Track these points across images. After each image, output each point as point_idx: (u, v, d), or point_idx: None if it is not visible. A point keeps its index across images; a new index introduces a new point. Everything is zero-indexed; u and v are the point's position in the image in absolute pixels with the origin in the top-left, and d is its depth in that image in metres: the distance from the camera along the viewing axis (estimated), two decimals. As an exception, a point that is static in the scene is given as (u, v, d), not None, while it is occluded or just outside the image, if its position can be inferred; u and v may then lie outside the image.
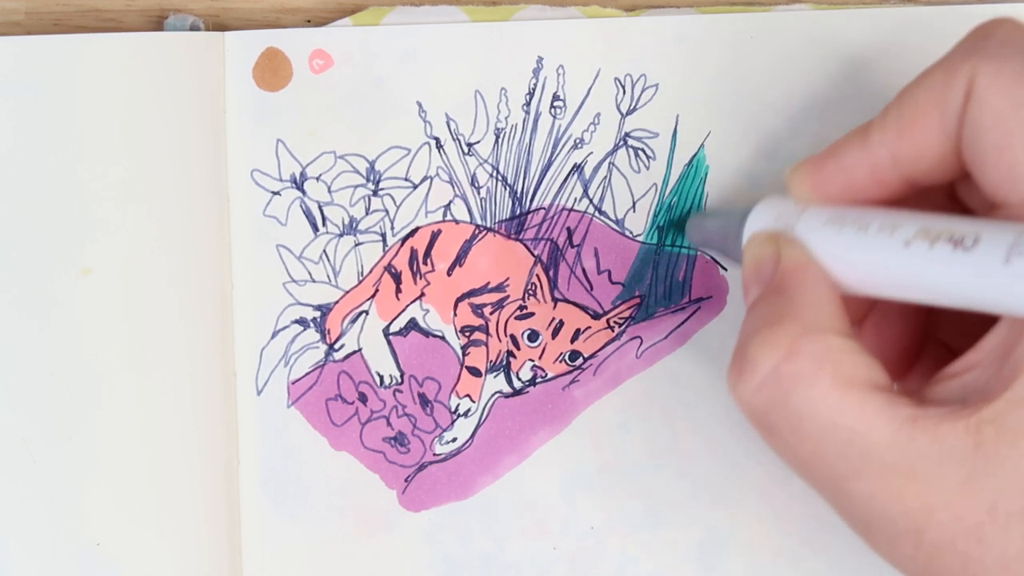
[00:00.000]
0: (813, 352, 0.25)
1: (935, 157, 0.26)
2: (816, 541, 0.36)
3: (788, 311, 0.26)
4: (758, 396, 0.26)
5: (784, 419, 0.26)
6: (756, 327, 0.26)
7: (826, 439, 0.25)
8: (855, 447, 0.25)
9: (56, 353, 0.35)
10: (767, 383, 0.26)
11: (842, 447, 0.25)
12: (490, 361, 0.36)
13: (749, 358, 0.26)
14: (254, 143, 0.36)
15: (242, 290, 0.36)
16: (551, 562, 0.36)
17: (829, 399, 0.25)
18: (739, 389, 0.26)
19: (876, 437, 0.25)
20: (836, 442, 0.25)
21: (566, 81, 0.36)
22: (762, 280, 0.28)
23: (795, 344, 0.26)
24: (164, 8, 0.36)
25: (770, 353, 0.26)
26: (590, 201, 0.36)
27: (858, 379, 0.25)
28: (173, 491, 0.35)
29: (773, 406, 0.26)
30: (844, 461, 0.25)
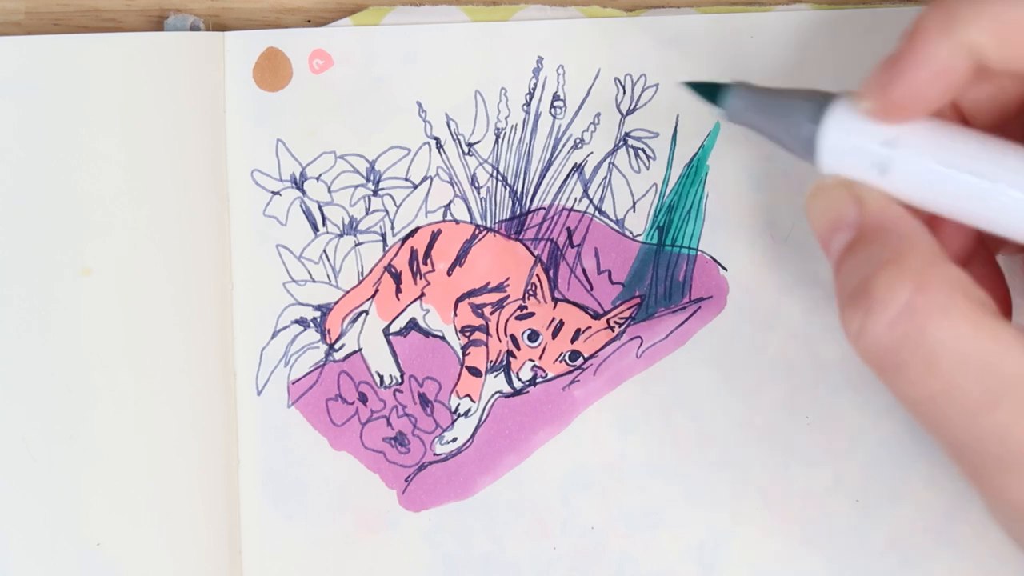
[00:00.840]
0: (943, 282, 0.25)
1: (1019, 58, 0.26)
2: (816, 541, 0.36)
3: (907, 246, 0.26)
4: (891, 332, 0.25)
5: (918, 353, 0.25)
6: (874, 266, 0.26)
7: (962, 370, 0.25)
8: (992, 376, 0.25)
9: (56, 353, 0.35)
10: (901, 317, 0.25)
11: (978, 377, 0.25)
12: (490, 361, 0.36)
13: (876, 296, 0.26)
14: (254, 143, 0.36)
15: (242, 290, 0.36)
16: (551, 562, 0.36)
17: (965, 328, 0.25)
18: (868, 329, 0.26)
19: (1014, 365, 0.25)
20: (972, 372, 0.25)
21: (566, 81, 0.36)
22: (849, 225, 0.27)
23: (925, 276, 0.25)
24: (164, 8, 0.36)
25: (901, 286, 0.25)
26: (590, 201, 0.36)
27: (988, 308, 0.25)
28: (173, 491, 0.35)
29: (907, 340, 0.25)
30: (980, 392, 0.25)
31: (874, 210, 0.27)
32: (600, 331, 0.36)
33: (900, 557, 0.35)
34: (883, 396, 0.35)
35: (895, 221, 0.27)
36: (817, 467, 0.35)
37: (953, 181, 0.27)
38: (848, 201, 0.28)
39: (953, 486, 0.35)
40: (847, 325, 0.26)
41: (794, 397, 0.35)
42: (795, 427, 0.36)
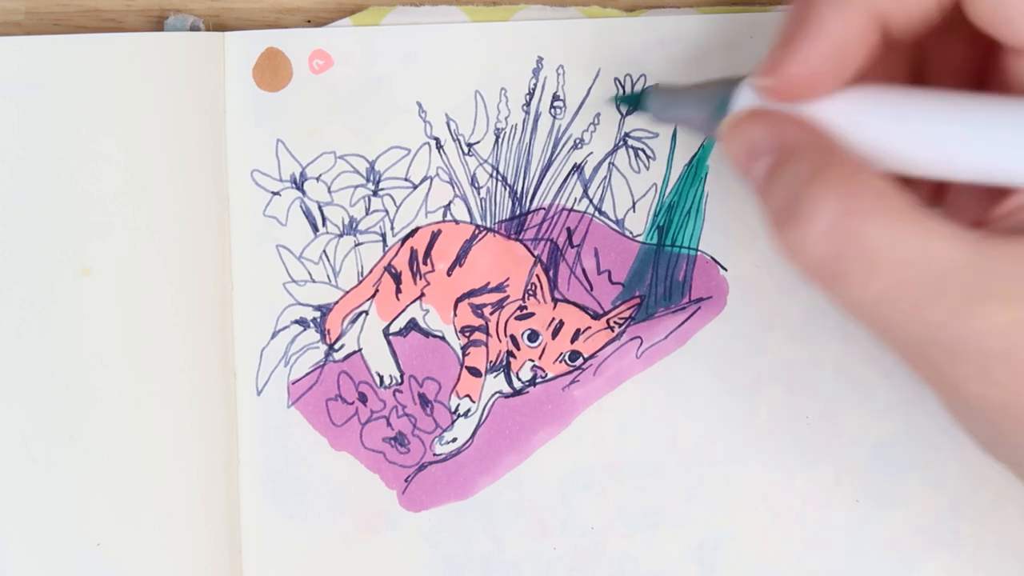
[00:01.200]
0: (872, 187, 0.25)
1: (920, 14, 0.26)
2: (816, 541, 0.36)
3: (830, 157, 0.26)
4: (827, 242, 0.25)
5: (855, 257, 0.25)
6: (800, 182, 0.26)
7: (900, 269, 0.25)
8: (932, 271, 0.25)
9: (56, 353, 0.35)
10: (834, 226, 0.25)
11: (916, 275, 0.25)
12: (490, 361, 0.36)
13: (807, 207, 0.26)
14: (254, 143, 0.36)
15: (242, 290, 0.36)
16: (551, 562, 0.36)
17: (896, 229, 0.25)
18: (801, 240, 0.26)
19: (949, 260, 0.25)
20: (912, 268, 0.25)
21: (566, 81, 0.36)
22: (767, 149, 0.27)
23: (850, 183, 0.25)
24: (164, 8, 0.36)
25: (830, 197, 0.25)
26: (590, 201, 0.36)
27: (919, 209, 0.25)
28: (173, 491, 0.35)
29: (844, 247, 0.25)
30: (919, 289, 0.25)
31: (790, 131, 0.27)
32: (600, 331, 0.36)
33: (900, 557, 0.35)
34: (883, 396, 0.35)
35: (812, 138, 0.27)
36: (817, 467, 0.35)
37: None
38: (763, 127, 0.28)
39: (953, 486, 0.35)
40: (784, 245, 0.26)
41: (794, 397, 0.35)
42: (795, 427, 0.36)
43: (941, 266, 0.25)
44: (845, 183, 0.25)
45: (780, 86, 0.27)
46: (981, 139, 0.25)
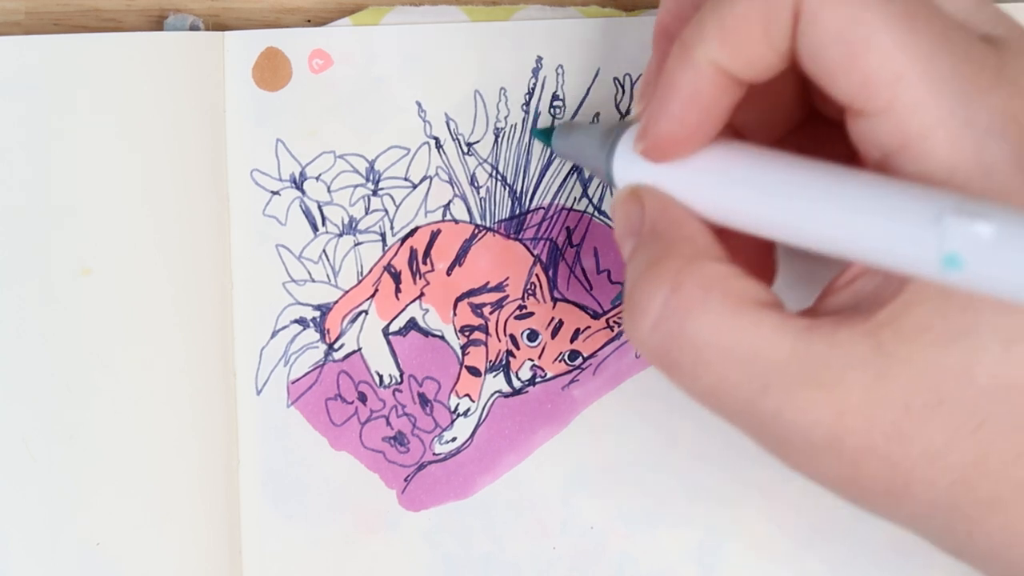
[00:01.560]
0: (698, 279, 0.26)
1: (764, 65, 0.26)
2: (816, 541, 0.36)
3: (666, 249, 0.26)
4: (655, 335, 0.26)
5: (683, 351, 0.26)
6: (639, 271, 0.27)
7: (727, 362, 0.25)
8: (756, 364, 0.25)
9: (56, 353, 0.35)
10: (660, 319, 0.26)
11: (744, 367, 0.25)
12: (490, 361, 0.36)
13: (638, 300, 0.26)
14: (254, 143, 0.36)
15: (242, 290, 0.36)
16: (551, 562, 0.36)
17: (723, 321, 0.25)
18: (635, 333, 0.26)
19: (775, 351, 0.25)
20: (737, 363, 0.25)
21: (565, 81, 0.36)
22: (634, 232, 0.28)
23: (679, 276, 0.26)
24: (164, 8, 0.36)
25: (657, 290, 0.26)
26: (589, 201, 0.36)
27: (747, 299, 0.25)
28: (173, 491, 0.35)
29: (671, 341, 0.26)
30: (748, 381, 0.25)
31: (650, 214, 0.27)
32: (600, 331, 0.36)
33: (900, 557, 0.35)
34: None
35: (667, 224, 0.27)
36: (817, 467, 0.35)
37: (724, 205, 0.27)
38: (636, 208, 0.28)
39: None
40: (624, 329, 0.27)
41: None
42: (795, 427, 0.35)
43: (767, 359, 0.25)
44: (676, 275, 0.26)
45: (650, 147, 0.27)
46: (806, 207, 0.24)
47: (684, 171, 0.27)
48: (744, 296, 0.25)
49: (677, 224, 0.27)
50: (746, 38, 0.25)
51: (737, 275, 0.26)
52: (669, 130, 0.27)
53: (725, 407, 0.26)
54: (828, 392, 0.25)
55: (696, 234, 0.27)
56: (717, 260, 0.26)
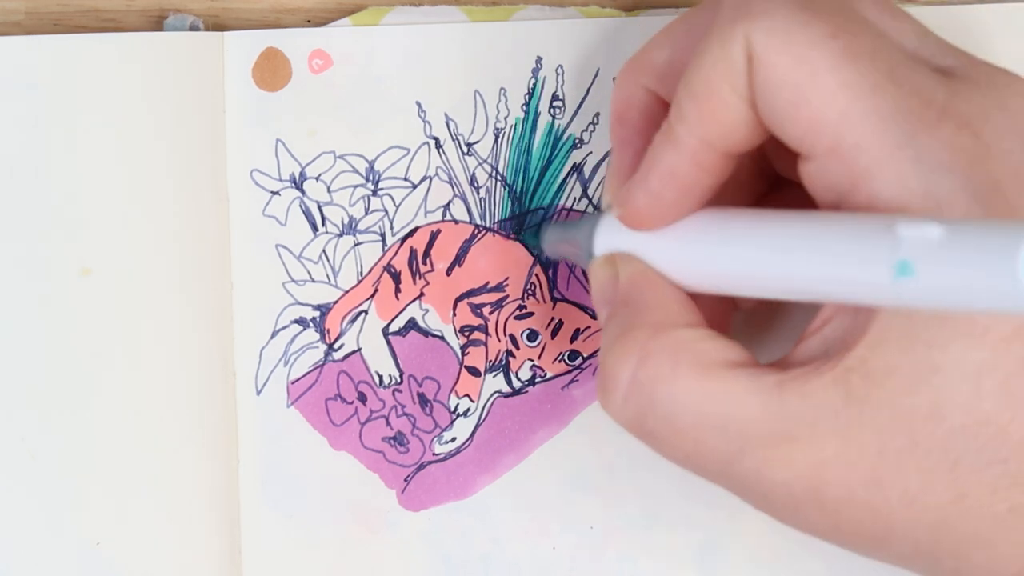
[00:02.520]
0: (665, 349, 0.26)
1: (744, 126, 0.26)
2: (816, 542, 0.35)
3: (635, 319, 0.27)
4: (627, 407, 0.26)
5: (657, 421, 0.26)
6: (610, 342, 0.27)
7: (701, 427, 0.25)
8: (731, 426, 0.25)
9: (56, 353, 0.35)
10: (630, 392, 0.26)
11: (718, 430, 0.25)
12: (489, 361, 0.36)
13: (608, 373, 0.26)
14: (253, 143, 0.36)
15: (242, 290, 0.36)
16: (551, 562, 0.36)
17: (692, 389, 0.25)
18: (608, 405, 0.27)
19: (747, 411, 0.25)
20: (711, 427, 0.25)
21: (565, 81, 0.36)
22: (608, 300, 0.28)
23: (646, 347, 0.26)
24: (164, 8, 0.36)
25: (625, 362, 0.26)
26: (589, 201, 0.36)
27: (717, 362, 0.25)
28: (173, 490, 0.35)
29: (643, 412, 0.26)
30: (724, 443, 0.25)
31: (623, 282, 0.28)
32: (599, 331, 0.36)
33: (900, 557, 0.35)
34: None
35: (639, 291, 0.27)
36: (816, 467, 0.35)
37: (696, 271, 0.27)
38: (610, 276, 0.28)
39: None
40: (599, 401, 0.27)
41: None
42: (795, 427, 0.35)
43: (740, 419, 0.25)
44: (643, 346, 0.26)
45: (629, 216, 0.28)
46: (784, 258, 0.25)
47: (656, 239, 0.28)
48: (714, 359, 0.26)
49: (649, 290, 0.27)
50: (716, 98, 0.25)
51: (707, 337, 0.26)
52: (647, 204, 0.27)
53: (705, 470, 0.27)
54: (803, 446, 0.25)
55: (667, 300, 0.27)
56: (687, 325, 0.26)
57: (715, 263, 0.26)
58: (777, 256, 0.25)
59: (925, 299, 0.22)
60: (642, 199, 0.27)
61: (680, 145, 0.26)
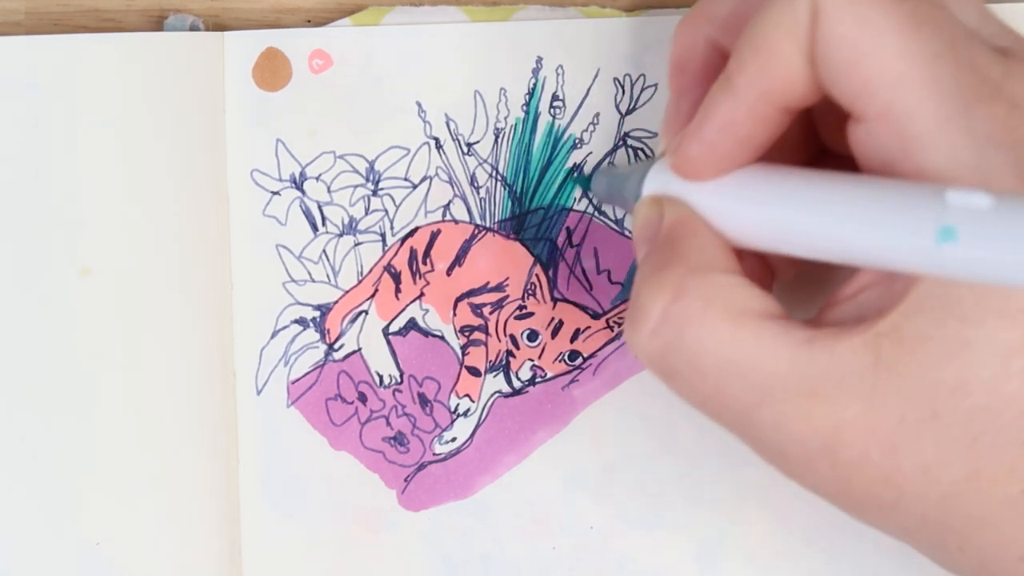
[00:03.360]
0: (700, 290, 0.26)
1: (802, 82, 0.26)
2: (816, 541, 0.36)
3: (673, 257, 0.27)
4: (653, 341, 0.26)
5: (681, 359, 0.26)
6: (645, 276, 0.27)
7: (725, 373, 0.25)
8: (755, 376, 0.25)
9: (56, 353, 0.35)
10: (660, 327, 0.26)
11: (742, 378, 0.25)
12: (489, 361, 0.36)
13: (640, 306, 0.26)
14: (253, 143, 0.36)
15: (242, 290, 0.36)
16: (551, 562, 0.36)
17: (722, 332, 0.25)
18: (635, 338, 0.26)
19: (774, 363, 0.25)
20: (735, 374, 0.25)
21: (565, 81, 0.36)
22: (650, 238, 0.28)
23: (681, 284, 0.26)
24: (164, 8, 0.36)
25: (658, 296, 0.26)
26: (589, 201, 0.36)
27: (749, 310, 0.25)
28: (173, 490, 0.35)
29: (669, 348, 0.26)
30: (746, 392, 0.25)
31: (667, 222, 0.28)
32: (600, 331, 0.36)
33: (900, 557, 0.35)
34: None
35: (681, 232, 0.27)
36: (816, 467, 0.35)
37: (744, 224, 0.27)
38: (655, 215, 0.28)
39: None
40: (624, 334, 0.27)
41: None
42: (795, 427, 0.35)
43: (766, 370, 0.25)
44: (676, 284, 0.26)
45: (682, 164, 0.28)
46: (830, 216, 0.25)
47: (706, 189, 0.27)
48: (747, 307, 0.26)
49: (691, 233, 0.27)
50: (777, 51, 0.25)
51: (742, 285, 0.26)
52: (700, 153, 0.27)
53: (722, 416, 0.27)
54: (825, 404, 0.25)
55: (708, 244, 0.27)
56: (723, 271, 0.26)
57: (762, 217, 0.26)
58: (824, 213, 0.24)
59: (966, 268, 0.22)
60: (696, 148, 0.27)
61: (738, 96, 0.26)
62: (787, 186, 0.26)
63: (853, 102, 0.25)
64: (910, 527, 0.26)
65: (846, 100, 0.25)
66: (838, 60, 0.25)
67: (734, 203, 0.27)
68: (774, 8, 0.25)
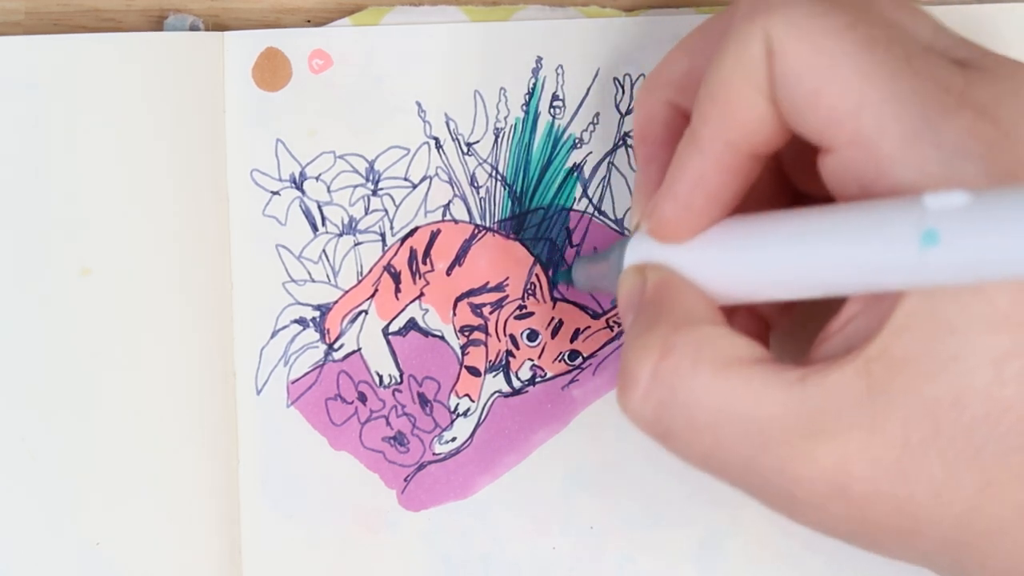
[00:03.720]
0: (687, 344, 0.25)
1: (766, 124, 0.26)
2: (816, 541, 0.36)
3: (658, 318, 0.26)
4: (646, 403, 0.26)
5: (676, 418, 0.26)
6: (628, 341, 0.27)
7: (721, 424, 0.25)
8: (752, 423, 0.25)
9: (56, 353, 0.35)
10: (651, 388, 0.26)
11: (739, 427, 0.25)
12: (489, 361, 0.36)
13: (629, 370, 0.26)
14: (253, 143, 0.36)
15: (242, 290, 0.36)
16: (551, 562, 0.36)
17: (714, 384, 0.25)
18: (627, 403, 0.26)
19: (769, 407, 0.25)
20: (732, 424, 0.25)
21: (565, 81, 0.36)
22: (634, 305, 0.28)
23: (668, 342, 0.26)
24: (164, 8, 0.36)
25: (646, 358, 0.26)
26: (589, 201, 0.36)
27: (738, 359, 0.25)
28: (173, 490, 0.35)
29: (662, 408, 0.26)
30: (745, 441, 0.25)
31: (651, 286, 0.28)
32: (599, 330, 0.36)
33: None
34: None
35: (664, 293, 0.27)
36: (816, 467, 0.35)
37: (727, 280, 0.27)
38: (637, 283, 0.28)
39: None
40: (618, 401, 0.27)
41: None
42: (795, 427, 0.35)
43: (763, 415, 0.25)
44: (664, 342, 0.26)
45: (658, 227, 0.28)
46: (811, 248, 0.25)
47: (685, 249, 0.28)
48: (735, 356, 0.25)
49: (674, 291, 0.27)
50: (737, 96, 0.25)
51: (728, 336, 0.26)
52: (675, 214, 0.27)
53: (725, 470, 0.26)
54: (827, 441, 0.24)
55: (691, 300, 0.27)
56: (709, 323, 0.26)
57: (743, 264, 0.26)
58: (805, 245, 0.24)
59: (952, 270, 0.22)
60: (670, 209, 0.27)
61: (704, 149, 0.26)
62: (764, 228, 0.26)
63: (821, 134, 0.25)
64: (929, 551, 0.26)
65: (813, 133, 0.25)
66: (799, 95, 0.25)
67: (714, 256, 0.27)
68: (728, 55, 0.25)
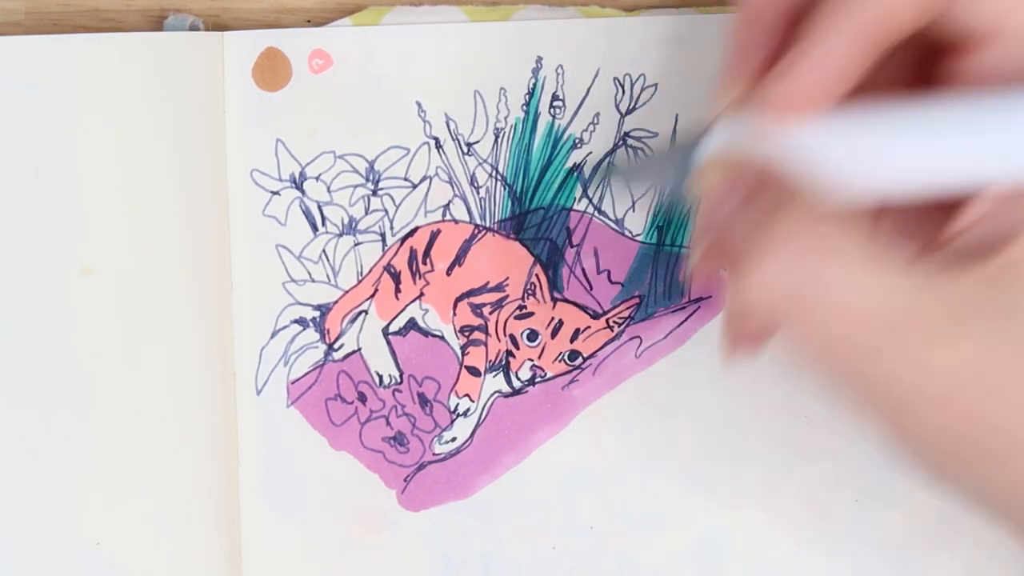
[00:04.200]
0: (828, 232, 0.25)
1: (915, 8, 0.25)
2: (816, 541, 0.36)
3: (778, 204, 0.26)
4: (774, 286, 0.25)
5: (805, 302, 0.25)
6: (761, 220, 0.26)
7: (846, 318, 0.25)
8: (876, 320, 0.24)
9: (56, 353, 0.35)
10: (788, 268, 0.25)
11: (862, 323, 0.25)
12: (489, 361, 0.36)
13: (762, 249, 0.26)
14: (253, 143, 0.36)
15: (242, 290, 0.36)
16: (551, 562, 0.36)
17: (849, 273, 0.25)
18: (752, 284, 0.26)
19: (901, 300, 0.24)
20: (855, 319, 0.25)
21: (565, 81, 0.36)
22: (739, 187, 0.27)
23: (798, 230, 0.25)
24: (164, 8, 0.36)
25: (787, 239, 0.25)
26: (589, 201, 0.36)
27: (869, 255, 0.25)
28: (173, 490, 0.35)
29: (796, 290, 0.25)
30: (866, 338, 0.25)
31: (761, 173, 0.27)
32: (599, 331, 0.36)
33: (899, 556, 0.35)
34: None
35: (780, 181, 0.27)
36: (816, 467, 0.35)
37: None
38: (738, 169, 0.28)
39: (953, 486, 0.35)
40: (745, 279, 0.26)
41: (793, 397, 0.35)
42: (794, 427, 0.35)
43: (893, 309, 0.24)
44: (803, 221, 0.25)
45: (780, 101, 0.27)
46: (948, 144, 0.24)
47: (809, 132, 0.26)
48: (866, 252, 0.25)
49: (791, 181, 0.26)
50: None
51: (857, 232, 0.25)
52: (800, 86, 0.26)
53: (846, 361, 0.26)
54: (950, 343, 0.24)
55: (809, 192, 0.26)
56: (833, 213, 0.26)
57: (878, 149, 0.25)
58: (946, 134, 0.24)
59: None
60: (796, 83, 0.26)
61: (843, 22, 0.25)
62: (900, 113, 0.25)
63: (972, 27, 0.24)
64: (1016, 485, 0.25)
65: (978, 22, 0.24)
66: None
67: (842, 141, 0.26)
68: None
